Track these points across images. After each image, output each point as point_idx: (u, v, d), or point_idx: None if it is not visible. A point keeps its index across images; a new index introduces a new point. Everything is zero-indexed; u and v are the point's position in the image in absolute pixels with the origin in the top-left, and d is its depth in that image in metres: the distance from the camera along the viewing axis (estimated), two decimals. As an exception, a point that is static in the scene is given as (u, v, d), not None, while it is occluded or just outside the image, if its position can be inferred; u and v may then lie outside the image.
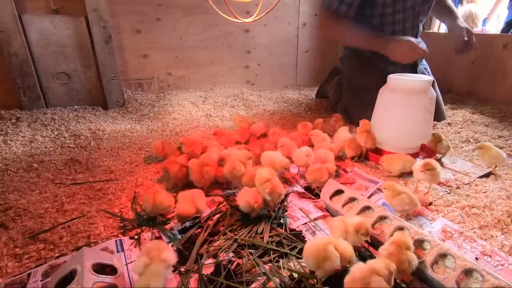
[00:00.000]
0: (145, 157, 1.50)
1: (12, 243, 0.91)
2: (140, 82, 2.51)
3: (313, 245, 0.75)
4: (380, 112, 1.42)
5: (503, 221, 0.96)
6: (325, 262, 0.72)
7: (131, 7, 2.30)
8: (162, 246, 0.76)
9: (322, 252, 0.73)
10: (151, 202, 0.98)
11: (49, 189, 1.20)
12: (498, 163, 1.27)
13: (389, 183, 1.02)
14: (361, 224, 0.82)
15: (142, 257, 0.72)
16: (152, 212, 1.00)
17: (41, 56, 2.00)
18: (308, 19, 2.98)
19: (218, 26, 2.61)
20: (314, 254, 0.73)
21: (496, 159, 1.25)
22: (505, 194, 1.10)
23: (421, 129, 1.33)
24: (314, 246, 0.75)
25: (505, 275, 0.78)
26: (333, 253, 0.73)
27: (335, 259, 0.72)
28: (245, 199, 0.98)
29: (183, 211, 0.95)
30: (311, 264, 0.75)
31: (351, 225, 0.83)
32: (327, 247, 0.73)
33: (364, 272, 0.66)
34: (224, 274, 0.79)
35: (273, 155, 1.26)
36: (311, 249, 0.75)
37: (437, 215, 1.02)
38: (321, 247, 0.73)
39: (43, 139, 1.68)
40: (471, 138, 1.67)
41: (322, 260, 0.72)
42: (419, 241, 0.84)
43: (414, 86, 1.28)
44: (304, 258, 0.78)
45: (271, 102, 2.45)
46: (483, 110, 2.09)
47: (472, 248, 0.88)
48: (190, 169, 1.18)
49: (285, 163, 1.22)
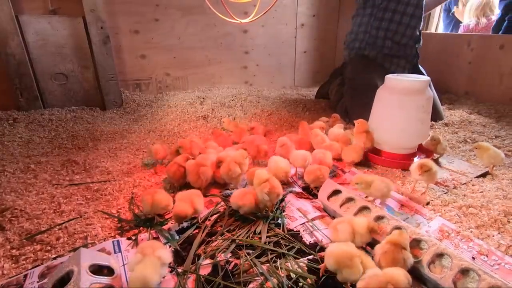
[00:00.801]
0: (144, 162, 1.47)
1: (9, 244, 0.90)
2: (138, 83, 2.51)
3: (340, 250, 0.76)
4: (378, 112, 1.42)
5: (499, 220, 0.96)
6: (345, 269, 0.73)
7: (129, 8, 2.29)
8: (156, 245, 0.77)
9: (346, 261, 0.73)
10: (150, 202, 0.98)
11: (46, 190, 1.20)
12: (497, 163, 1.27)
13: (357, 177, 1.08)
14: (373, 224, 0.84)
15: (136, 255, 0.73)
16: (151, 211, 1.00)
17: (39, 57, 1.99)
18: (306, 20, 2.99)
19: (216, 27, 2.61)
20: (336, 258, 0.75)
21: (494, 159, 1.26)
22: (501, 193, 1.10)
23: (418, 129, 1.34)
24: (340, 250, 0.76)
25: (502, 274, 0.78)
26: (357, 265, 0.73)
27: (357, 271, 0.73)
28: (234, 199, 1.02)
29: (180, 211, 0.95)
30: (330, 265, 0.76)
31: (360, 225, 0.84)
32: (354, 259, 0.73)
33: (380, 282, 0.65)
34: (222, 274, 0.79)
35: (280, 161, 1.24)
36: (336, 253, 0.75)
37: (435, 214, 1.03)
38: (346, 254, 0.74)
39: (40, 140, 1.67)
40: (468, 138, 1.67)
41: (344, 266, 0.73)
42: (416, 240, 0.84)
43: (411, 86, 1.28)
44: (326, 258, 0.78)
45: (269, 102, 2.46)
46: (480, 110, 2.10)
47: (469, 247, 0.88)
48: (187, 170, 1.18)
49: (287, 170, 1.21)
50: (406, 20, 1.95)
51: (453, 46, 2.47)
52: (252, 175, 1.08)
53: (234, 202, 1.02)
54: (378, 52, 2.02)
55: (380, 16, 1.99)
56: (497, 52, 2.18)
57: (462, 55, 2.40)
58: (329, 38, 3.16)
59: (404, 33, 1.97)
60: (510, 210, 1.00)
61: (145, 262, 0.71)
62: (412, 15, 1.95)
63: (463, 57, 2.40)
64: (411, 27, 1.97)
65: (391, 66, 2.03)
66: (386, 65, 2.03)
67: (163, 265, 0.74)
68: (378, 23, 2.00)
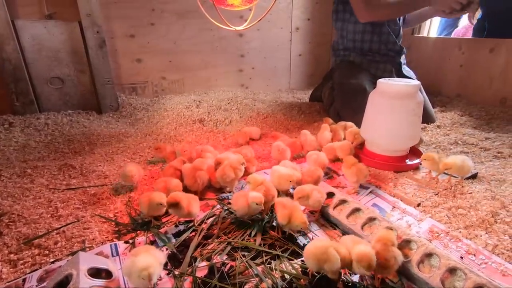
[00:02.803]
0: (149, 160, 1.53)
1: (7, 249, 0.91)
2: (134, 87, 2.52)
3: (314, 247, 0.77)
4: (370, 115, 1.46)
5: (487, 221, 1.00)
6: (325, 263, 0.74)
7: (125, 12, 2.31)
8: (150, 247, 0.80)
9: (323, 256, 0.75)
10: (147, 202, 1.00)
11: (43, 194, 1.21)
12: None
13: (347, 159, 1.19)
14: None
15: (130, 257, 0.75)
16: (148, 213, 1.02)
17: (34, 61, 1.99)
18: (301, 23, 3.02)
19: (212, 31, 2.63)
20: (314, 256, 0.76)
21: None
22: (490, 194, 1.13)
23: (409, 132, 1.37)
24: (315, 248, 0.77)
25: (489, 273, 0.81)
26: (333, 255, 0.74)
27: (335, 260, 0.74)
28: (232, 202, 1.03)
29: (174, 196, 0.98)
30: (312, 265, 0.77)
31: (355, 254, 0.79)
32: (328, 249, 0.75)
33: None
34: (218, 276, 0.81)
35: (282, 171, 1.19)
36: (311, 251, 0.77)
37: (425, 215, 1.06)
38: (321, 250, 0.75)
39: (37, 144, 1.68)
40: (460, 140, 1.71)
41: (323, 262, 0.74)
42: (406, 241, 0.87)
43: (401, 91, 1.32)
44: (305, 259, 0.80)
45: (265, 105, 2.48)
46: (471, 112, 2.14)
47: (458, 247, 0.91)
48: (184, 174, 1.20)
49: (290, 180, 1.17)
50: (386, 32, 2.05)
51: (445, 50, 2.53)
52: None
53: (232, 205, 1.03)
54: (363, 58, 2.12)
55: (363, 27, 2.06)
56: (487, 56, 2.23)
57: (454, 58, 2.45)
58: (324, 41, 3.19)
59: (386, 45, 2.08)
60: (497, 211, 1.03)
61: (144, 255, 0.73)
62: (393, 30, 2.06)
63: (455, 60, 2.45)
64: (391, 42, 2.07)
65: (377, 71, 2.12)
66: (372, 71, 2.12)
67: (159, 264, 0.76)
68: (361, 32, 2.08)
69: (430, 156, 1.24)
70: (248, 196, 0.99)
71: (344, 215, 1.02)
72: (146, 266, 0.70)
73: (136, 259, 0.72)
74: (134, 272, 0.70)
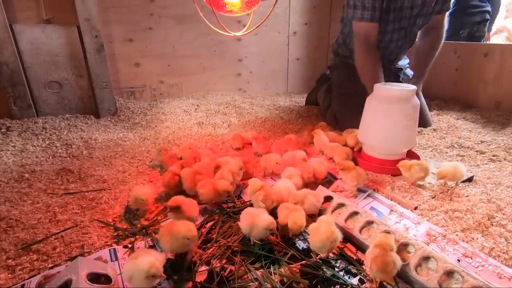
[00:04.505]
0: (151, 164, 1.54)
1: (5, 255, 0.91)
2: (132, 91, 2.53)
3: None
4: (367, 119, 1.47)
5: (483, 223, 1.01)
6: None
7: (123, 17, 2.32)
8: (150, 250, 0.80)
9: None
10: (134, 196, 1.08)
11: (41, 199, 1.20)
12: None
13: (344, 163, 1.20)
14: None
15: (129, 261, 0.75)
16: (135, 204, 1.09)
17: (32, 65, 2.00)
18: (298, 28, 3.05)
19: (210, 35, 2.65)
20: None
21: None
22: (486, 197, 1.15)
23: (405, 136, 1.39)
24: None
25: (485, 276, 0.82)
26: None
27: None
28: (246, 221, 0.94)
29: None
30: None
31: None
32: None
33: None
34: (217, 280, 0.82)
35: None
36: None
37: (422, 219, 1.07)
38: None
39: (34, 149, 1.67)
40: (455, 143, 1.73)
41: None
42: (404, 244, 0.88)
43: (398, 95, 1.33)
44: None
45: (263, 109, 2.49)
46: (466, 116, 2.17)
47: (455, 250, 0.92)
48: (183, 178, 1.20)
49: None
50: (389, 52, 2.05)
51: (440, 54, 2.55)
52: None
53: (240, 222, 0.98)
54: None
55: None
56: (481, 60, 2.26)
57: (449, 62, 2.48)
58: (321, 45, 3.22)
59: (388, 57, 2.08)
60: (493, 214, 1.04)
61: (144, 256, 0.74)
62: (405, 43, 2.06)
63: (450, 64, 2.48)
64: (394, 54, 2.08)
65: None
66: None
67: (160, 264, 0.77)
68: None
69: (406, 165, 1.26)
70: (259, 218, 0.93)
71: (342, 218, 1.03)
72: (151, 265, 0.71)
73: (137, 261, 0.72)
74: (137, 273, 0.70)
